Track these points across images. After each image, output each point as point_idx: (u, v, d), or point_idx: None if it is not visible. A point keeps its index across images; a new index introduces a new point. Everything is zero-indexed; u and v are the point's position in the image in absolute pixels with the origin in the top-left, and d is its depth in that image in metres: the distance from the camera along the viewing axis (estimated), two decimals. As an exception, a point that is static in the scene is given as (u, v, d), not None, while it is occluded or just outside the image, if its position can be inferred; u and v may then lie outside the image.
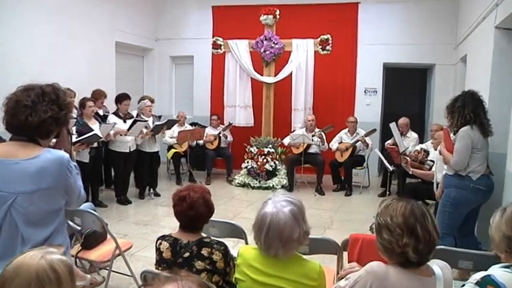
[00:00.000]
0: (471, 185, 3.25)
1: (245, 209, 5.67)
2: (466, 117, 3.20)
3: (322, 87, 7.52)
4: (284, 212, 1.62)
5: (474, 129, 3.19)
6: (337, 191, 6.77)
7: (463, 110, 3.22)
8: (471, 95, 3.28)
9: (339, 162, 6.76)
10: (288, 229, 1.61)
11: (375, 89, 7.79)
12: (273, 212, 1.63)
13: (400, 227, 1.46)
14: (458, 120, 3.24)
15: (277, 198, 1.69)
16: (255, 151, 6.97)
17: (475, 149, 3.21)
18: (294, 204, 1.67)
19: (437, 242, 1.47)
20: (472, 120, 3.19)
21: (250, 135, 7.23)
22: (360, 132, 6.72)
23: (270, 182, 6.81)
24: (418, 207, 1.49)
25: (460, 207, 3.30)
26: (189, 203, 2.02)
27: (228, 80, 7.36)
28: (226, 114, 7.48)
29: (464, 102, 3.23)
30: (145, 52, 8.62)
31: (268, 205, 1.67)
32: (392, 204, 1.53)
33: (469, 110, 3.20)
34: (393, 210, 1.50)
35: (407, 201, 1.52)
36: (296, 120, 7.17)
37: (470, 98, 3.25)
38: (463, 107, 3.23)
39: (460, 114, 3.23)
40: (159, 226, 4.89)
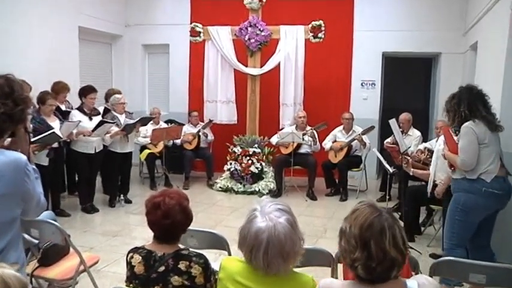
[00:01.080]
0: (483, 188, 3.19)
1: (228, 217, 5.67)
2: (461, 115, 3.22)
3: (314, 80, 7.56)
4: (282, 224, 1.61)
5: (477, 122, 3.19)
6: (331, 196, 6.82)
7: (458, 108, 3.24)
8: (468, 90, 3.29)
9: (333, 164, 6.81)
10: (289, 242, 1.61)
11: (373, 81, 7.88)
12: (269, 226, 1.61)
13: (355, 238, 1.49)
14: (455, 119, 3.27)
15: (267, 209, 1.67)
16: (239, 151, 6.97)
17: (483, 144, 3.18)
18: (286, 212, 1.67)
19: (398, 262, 1.47)
20: (468, 117, 3.20)
21: (234, 133, 7.23)
22: (357, 130, 6.78)
23: (256, 186, 6.82)
24: (380, 220, 1.49)
25: (471, 214, 3.24)
26: (164, 210, 2.00)
27: (208, 71, 7.34)
28: (207, 110, 7.46)
29: (460, 99, 3.25)
30: (113, 39, 8.53)
31: (258, 219, 1.64)
32: (359, 210, 1.55)
33: (464, 107, 3.21)
34: (355, 218, 1.52)
35: (375, 210, 1.53)
36: (285, 117, 7.20)
37: (466, 94, 3.26)
38: (458, 104, 3.25)
39: (456, 112, 3.25)
40: (130, 237, 4.86)
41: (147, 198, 2.09)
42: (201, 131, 7.33)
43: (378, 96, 7.92)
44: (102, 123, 5.44)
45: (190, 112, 7.72)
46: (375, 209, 1.54)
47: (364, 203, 1.60)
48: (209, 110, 7.43)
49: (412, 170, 4.36)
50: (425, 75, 8.78)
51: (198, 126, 7.47)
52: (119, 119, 5.85)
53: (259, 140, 7.09)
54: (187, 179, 7.24)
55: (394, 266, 1.47)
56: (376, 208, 1.55)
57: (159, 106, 7.74)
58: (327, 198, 6.74)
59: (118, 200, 6.08)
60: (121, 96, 5.99)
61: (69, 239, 2.91)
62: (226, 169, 7.05)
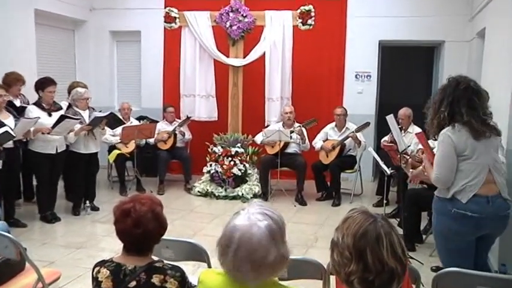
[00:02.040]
0: (453, 209, 2.93)
1: (207, 225, 5.67)
2: (440, 117, 2.94)
3: (303, 72, 7.58)
4: (259, 227, 1.60)
5: (458, 128, 2.90)
6: (322, 200, 6.85)
7: (438, 107, 2.96)
8: (453, 84, 2.96)
9: (324, 165, 6.83)
10: (262, 249, 1.59)
11: (368, 73, 7.93)
12: (245, 226, 1.61)
13: (349, 249, 1.49)
14: (433, 121, 2.99)
15: (253, 209, 1.67)
16: (220, 152, 6.95)
17: (462, 156, 2.91)
18: (272, 219, 1.65)
19: (398, 273, 1.47)
20: (446, 121, 2.92)
21: (214, 131, 7.22)
22: (350, 127, 6.81)
23: (239, 190, 6.81)
24: (375, 227, 1.49)
25: (449, 241, 3.01)
26: (135, 218, 1.98)
27: (185, 62, 7.32)
28: (183, 106, 7.44)
29: (443, 96, 2.96)
30: (76, 25, 8.43)
31: (240, 216, 1.65)
32: (352, 218, 1.56)
33: (446, 108, 2.92)
34: (347, 227, 1.52)
35: (368, 216, 1.53)
36: (271, 113, 7.21)
37: (451, 89, 2.94)
38: (440, 102, 2.96)
39: (435, 112, 2.98)
40: (96, 249, 4.81)
41: (116, 204, 2.08)
42: (177, 129, 7.30)
43: (374, 90, 7.98)
44: (63, 118, 5.36)
45: (165, 108, 7.68)
46: (368, 215, 1.54)
47: (356, 210, 1.60)
48: (186, 105, 7.41)
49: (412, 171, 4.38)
50: (426, 66, 8.87)
51: (174, 124, 7.44)
52: (82, 116, 5.77)
53: (243, 139, 7.08)
54: (162, 183, 7.20)
55: (394, 278, 1.47)
56: (369, 214, 1.55)
57: (130, 101, 7.69)
58: (317, 203, 6.76)
59: (83, 207, 6.01)
60: (83, 91, 5.90)
61: (25, 252, 2.86)
62: (205, 171, 7.02)
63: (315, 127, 6.92)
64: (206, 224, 5.71)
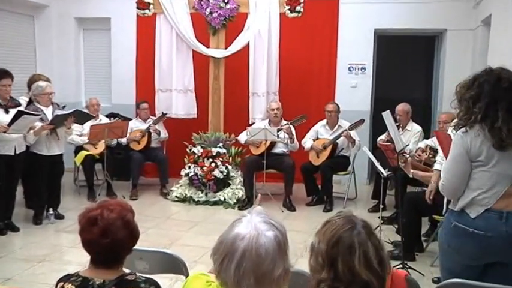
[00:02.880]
0: (453, 223, 2.75)
1: (186, 233, 5.65)
2: (469, 118, 2.69)
3: (291, 64, 7.59)
4: (267, 237, 1.57)
5: (475, 130, 2.67)
6: (313, 206, 6.87)
7: (472, 105, 2.68)
8: (495, 78, 2.68)
9: (315, 166, 6.85)
10: (269, 262, 1.56)
11: (363, 65, 7.97)
12: (251, 235, 1.57)
13: (322, 255, 1.54)
14: (464, 119, 2.73)
15: (255, 217, 1.64)
16: (200, 152, 6.93)
17: (476, 163, 2.70)
18: (279, 230, 1.63)
19: (374, 286, 1.49)
20: (477, 122, 2.66)
21: (193, 130, 7.20)
22: (343, 125, 6.83)
23: (221, 195, 6.80)
24: (349, 235, 1.52)
25: (447, 256, 2.88)
26: (102, 226, 1.96)
27: (160, 53, 7.30)
28: (159, 102, 7.43)
29: (481, 92, 2.66)
30: (36, 10, 8.34)
31: (243, 224, 1.62)
32: (330, 222, 1.61)
33: (482, 107, 2.64)
34: (324, 232, 1.58)
35: (347, 222, 1.56)
36: (256, 110, 7.22)
37: (491, 85, 2.66)
38: (475, 99, 2.67)
39: (468, 110, 2.70)
40: (61, 262, 4.76)
41: (81, 212, 2.06)
42: (152, 127, 7.27)
43: (369, 84, 8.03)
44: (20, 114, 5.26)
45: (139, 104, 7.65)
46: (348, 221, 1.58)
47: (339, 214, 1.64)
48: (162, 101, 7.40)
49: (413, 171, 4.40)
50: (426, 58, 8.94)
51: (149, 122, 7.41)
52: (45, 114, 5.69)
53: (225, 138, 7.07)
54: (135, 187, 7.17)
55: None
56: (350, 220, 1.58)
57: (99, 96, 7.62)
58: (307, 209, 6.77)
59: (45, 216, 5.94)
60: (45, 85, 5.82)
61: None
62: (183, 174, 7.00)
63: (304, 125, 6.93)
64: (184, 232, 5.69)
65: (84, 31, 8.79)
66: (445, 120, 5.58)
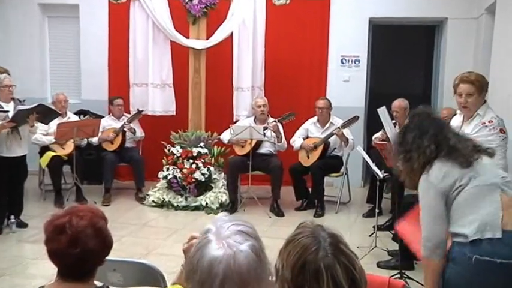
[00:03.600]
0: (474, 256, 2.55)
1: (164, 242, 5.64)
2: (425, 154, 2.79)
3: (278, 56, 7.61)
4: (244, 253, 1.57)
5: (436, 166, 2.76)
6: (303, 210, 6.89)
7: (419, 145, 2.82)
8: (425, 115, 2.96)
9: (305, 167, 6.86)
10: (254, 278, 1.56)
11: (356, 57, 8.01)
12: (227, 256, 1.56)
13: (288, 284, 1.52)
14: (413, 168, 2.83)
15: (224, 231, 1.62)
16: (179, 153, 6.92)
17: (457, 189, 2.70)
18: (250, 235, 1.63)
19: None
20: (434, 153, 2.78)
21: (171, 128, 7.20)
22: (335, 122, 6.85)
23: (203, 199, 6.80)
24: (315, 259, 1.50)
25: None
26: (71, 235, 1.94)
27: (135, 44, 7.28)
28: (134, 98, 7.41)
29: (421, 131, 2.85)
30: (-2, -3, 8.30)
31: (213, 244, 1.60)
32: (293, 243, 1.58)
33: (429, 140, 2.81)
34: (287, 255, 1.55)
35: (312, 242, 1.54)
36: (240, 106, 7.24)
37: (427, 120, 2.91)
38: (421, 136, 2.84)
39: (419, 147, 2.82)
40: (24, 276, 4.71)
41: (48, 219, 2.04)
42: (126, 125, 7.23)
43: (364, 77, 8.07)
44: None
45: (112, 100, 7.61)
46: (312, 239, 1.55)
47: (302, 228, 1.61)
48: (137, 96, 7.38)
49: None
50: (426, 49, 9.00)
51: (123, 119, 7.39)
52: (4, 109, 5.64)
53: (206, 137, 7.07)
54: (108, 192, 7.14)
55: None
56: (314, 237, 1.55)
57: (67, 91, 7.55)
58: (297, 214, 6.79)
59: (6, 224, 5.87)
60: (3, 77, 5.78)
61: None
62: (161, 177, 6.98)
63: (293, 122, 6.92)
64: (162, 240, 5.67)
65: (50, 19, 8.70)
66: (446, 116, 5.62)
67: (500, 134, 3.89)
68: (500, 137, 3.88)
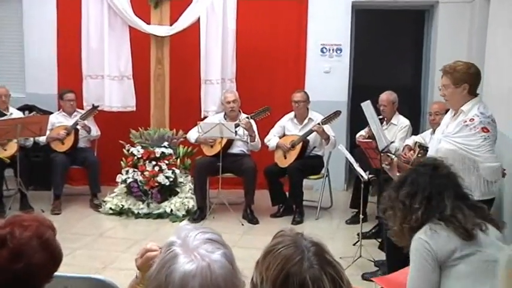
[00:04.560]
0: None
1: (123, 254, 5.61)
2: (412, 215, 2.77)
3: (251, 45, 7.62)
4: (218, 263, 1.58)
5: (434, 228, 2.73)
6: (280, 217, 6.91)
7: (409, 205, 2.79)
8: (430, 169, 2.88)
9: (281, 169, 6.88)
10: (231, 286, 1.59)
11: (338, 46, 8.03)
12: (201, 267, 1.57)
13: None
14: (402, 227, 2.82)
15: (191, 241, 1.63)
16: (140, 154, 6.89)
17: (455, 261, 2.70)
18: (220, 243, 1.65)
19: None
20: (419, 223, 2.76)
21: (131, 126, 7.18)
22: (315, 118, 6.89)
23: (167, 206, 6.78)
24: (299, 270, 1.51)
25: None
26: (13, 248, 1.92)
27: (88, 31, 7.23)
28: (88, 91, 7.37)
29: (416, 189, 2.81)
30: None
31: (181, 258, 1.60)
32: (273, 253, 1.59)
33: (420, 203, 2.76)
34: (267, 268, 1.56)
35: (294, 252, 1.54)
36: (208, 101, 7.24)
37: (427, 177, 2.83)
38: (412, 196, 2.80)
39: (404, 214, 2.80)
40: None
41: (-15, 231, 2.02)
42: (79, 122, 7.17)
43: (346, 68, 8.10)
44: None
45: (62, 94, 7.51)
46: (295, 248, 1.56)
47: (282, 237, 1.63)
48: (92, 90, 7.33)
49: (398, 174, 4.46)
50: (415, 36, 9.07)
51: (75, 116, 7.32)
52: None
53: (171, 136, 7.07)
54: (58, 199, 7.07)
55: None
56: (296, 246, 1.56)
57: (8, 84, 7.49)
58: (273, 221, 6.81)
59: None
60: None
61: None
62: (120, 181, 6.95)
63: (267, 119, 6.95)
64: (121, 253, 5.64)
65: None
66: (437, 111, 5.69)
67: (482, 133, 3.90)
68: (481, 136, 3.90)
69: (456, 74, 4.02)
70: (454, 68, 4.05)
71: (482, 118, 3.94)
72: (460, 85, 4.01)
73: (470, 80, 4.05)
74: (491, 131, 3.94)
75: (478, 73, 4.15)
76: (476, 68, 4.16)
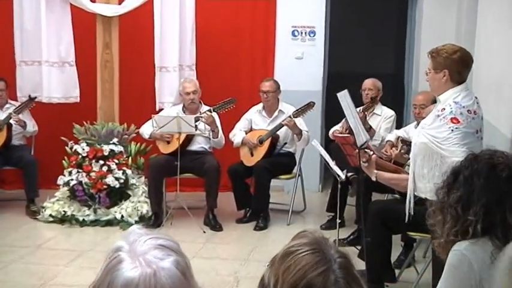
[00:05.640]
0: None
1: (66, 268, 5.56)
2: (467, 227, 2.50)
3: (213, 28, 7.62)
4: (166, 270, 1.57)
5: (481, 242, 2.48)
6: (246, 222, 6.90)
7: (461, 212, 2.51)
8: (487, 168, 2.54)
9: (248, 168, 6.89)
10: None
11: (311, 28, 8.07)
12: (146, 276, 1.55)
13: None
14: (450, 230, 2.56)
15: (139, 247, 1.61)
16: (85, 152, 6.83)
17: None
18: (173, 250, 1.63)
19: None
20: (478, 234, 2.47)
21: (75, 120, 7.13)
22: (286, 110, 6.90)
23: (117, 211, 6.74)
24: (324, 282, 1.51)
25: None
26: None
27: (21, 9, 7.12)
28: (22, 80, 7.29)
29: (468, 191, 2.52)
30: None
31: (126, 264, 1.59)
32: (295, 255, 1.58)
33: (476, 213, 2.48)
34: (285, 270, 1.55)
35: (320, 259, 1.54)
36: (164, 91, 7.23)
37: (483, 179, 2.52)
38: (464, 202, 2.52)
39: (458, 218, 2.52)
40: None
41: None
42: (13, 116, 7.07)
43: (321, 54, 8.14)
44: None
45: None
46: (321, 255, 1.55)
47: (306, 237, 1.62)
48: (27, 78, 7.25)
49: (377, 173, 4.48)
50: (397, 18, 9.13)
51: (8, 109, 7.26)
52: None
53: (121, 131, 7.02)
54: (-11, 204, 6.98)
55: None
56: (322, 252, 1.56)
57: None
58: (239, 227, 6.81)
59: None
60: None
61: None
62: (62, 183, 6.88)
63: (232, 111, 6.93)
64: (63, 266, 5.57)
65: None
66: (423, 103, 5.72)
67: (450, 124, 3.86)
68: (449, 128, 3.85)
69: (438, 59, 4.02)
70: (438, 51, 4.06)
71: (455, 108, 3.92)
72: (440, 71, 4.02)
73: (452, 66, 4.01)
74: (462, 122, 3.87)
75: (463, 59, 4.09)
76: (463, 54, 4.11)
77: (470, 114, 3.96)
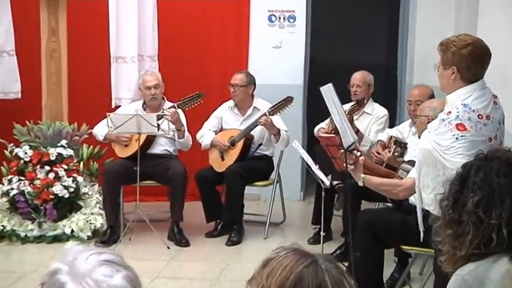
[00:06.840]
0: None
1: (5, 291, 5.53)
2: (490, 233, 2.45)
3: (178, 13, 7.68)
4: (116, 286, 1.56)
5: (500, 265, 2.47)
6: (217, 236, 6.90)
7: (484, 213, 2.48)
8: (507, 161, 2.58)
9: (219, 174, 6.90)
10: None
11: (291, 13, 8.09)
12: None
13: None
14: (472, 241, 2.48)
15: (82, 265, 1.59)
16: (28, 156, 6.78)
17: None
18: (120, 264, 1.62)
19: None
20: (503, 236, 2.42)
21: (15, 119, 7.11)
22: (261, 107, 6.92)
23: (66, 225, 6.71)
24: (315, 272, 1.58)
25: None
26: None
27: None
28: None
29: (493, 191, 2.50)
30: None
31: (69, 285, 1.56)
32: (276, 260, 1.65)
33: (499, 216, 2.45)
34: (269, 274, 1.62)
35: (303, 256, 1.63)
36: (122, 85, 7.23)
37: (508, 174, 2.53)
38: (489, 204, 2.49)
39: (479, 225, 2.47)
40: None
41: None
42: None
43: (302, 42, 8.16)
44: None
45: None
46: (302, 255, 1.63)
47: (284, 247, 1.68)
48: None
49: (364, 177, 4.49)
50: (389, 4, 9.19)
51: None
52: None
53: (71, 132, 6.99)
54: None
55: None
56: (305, 253, 1.64)
57: None
58: (208, 242, 6.82)
59: None
60: None
61: None
62: (0, 194, 6.82)
63: (200, 108, 6.94)
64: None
65: None
66: (418, 99, 5.74)
67: (455, 131, 3.80)
68: (453, 135, 3.81)
69: (447, 53, 3.91)
70: (447, 44, 3.94)
71: (462, 112, 3.83)
72: (449, 67, 3.93)
73: (461, 62, 3.90)
74: (469, 130, 3.81)
75: (474, 54, 3.94)
76: (475, 48, 3.95)
77: (482, 119, 3.87)
